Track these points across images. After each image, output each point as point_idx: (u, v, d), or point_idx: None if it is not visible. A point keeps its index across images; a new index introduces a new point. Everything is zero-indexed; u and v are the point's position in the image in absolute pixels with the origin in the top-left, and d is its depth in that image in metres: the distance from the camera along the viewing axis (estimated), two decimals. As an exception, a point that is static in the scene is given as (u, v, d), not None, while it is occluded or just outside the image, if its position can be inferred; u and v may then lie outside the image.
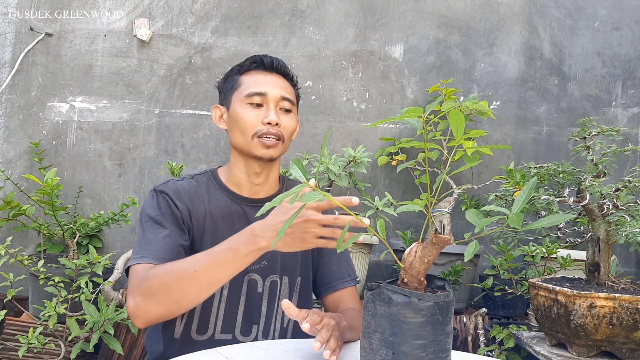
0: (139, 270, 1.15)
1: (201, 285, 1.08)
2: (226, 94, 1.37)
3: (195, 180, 1.35)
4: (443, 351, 0.92)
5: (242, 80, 1.34)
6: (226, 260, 1.08)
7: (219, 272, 1.08)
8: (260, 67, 1.35)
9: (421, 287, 0.96)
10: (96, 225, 2.52)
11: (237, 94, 1.33)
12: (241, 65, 1.37)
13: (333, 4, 2.92)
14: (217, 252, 1.10)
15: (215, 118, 1.40)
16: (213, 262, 1.09)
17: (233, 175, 1.36)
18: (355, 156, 2.37)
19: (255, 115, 1.30)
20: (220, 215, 1.31)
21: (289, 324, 1.37)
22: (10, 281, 2.08)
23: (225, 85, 1.39)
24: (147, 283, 1.10)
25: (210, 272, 1.08)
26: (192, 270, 1.08)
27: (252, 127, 1.30)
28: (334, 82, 2.91)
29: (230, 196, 1.34)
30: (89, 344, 2.04)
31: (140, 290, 1.11)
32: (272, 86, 1.32)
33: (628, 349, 1.38)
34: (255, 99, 1.31)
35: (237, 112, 1.32)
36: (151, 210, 1.26)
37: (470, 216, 0.88)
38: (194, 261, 1.10)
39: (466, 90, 2.88)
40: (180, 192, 1.29)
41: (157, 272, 1.11)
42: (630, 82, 2.86)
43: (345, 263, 1.46)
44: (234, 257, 1.08)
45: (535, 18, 2.89)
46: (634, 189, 1.42)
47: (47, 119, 2.93)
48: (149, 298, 1.10)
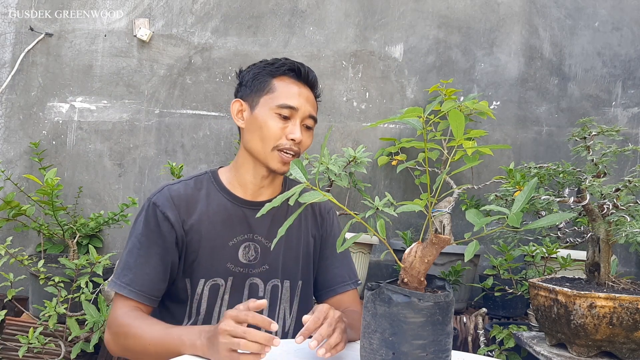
0: (119, 305, 1.23)
1: (151, 356, 1.14)
2: (253, 92, 1.31)
3: (194, 182, 1.33)
4: (443, 351, 0.92)
5: (275, 85, 1.30)
6: (171, 347, 1.10)
7: (163, 354, 1.11)
8: (295, 76, 1.32)
9: (421, 287, 0.96)
10: (96, 225, 2.52)
11: (268, 99, 1.29)
12: (275, 68, 1.32)
13: (333, 4, 2.93)
14: (170, 334, 1.12)
15: (234, 112, 1.35)
16: (161, 343, 1.12)
17: (239, 175, 1.34)
18: (355, 156, 2.37)
19: (281, 128, 1.27)
20: (220, 219, 1.30)
21: (290, 327, 1.36)
22: (10, 281, 2.08)
23: (253, 83, 1.32)
24: (119, 330, 1.20)
25: (159, 350, 1.12)
26: (146, 344, 1.14)
27: (275, 139, 1.27)
28: (334, 82, 2.91)
29: (231, 199, 1.32)
30: (89, 344, 2.04)
31: (113, 330, 1.21)
32: (304, 101, 1.30)
33: (628, 349, 1.38)
34: (286, 111, 1.27)
35: (263, 118, 1.28)
36: (140, 227, 1.27)
37: (470, 216, 0.88)
38: (153, 336, 1.14)
39: (466, 90, 2.88)
40: (174, 199, 1.27)
41: (129, 328, 1.18)
42: (630, 82, 2.86)
43: (347, 265, 1.44)
44: (177, 347, 1.09)
45: (535, 18, 2.89)
46: (634, 189, 1.42)
47: (47, 119, 2.93)
48: (116, 342, 1.21)
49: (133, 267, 1.24)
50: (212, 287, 1.28)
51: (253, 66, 1.36)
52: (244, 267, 1.30)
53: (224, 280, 1.29)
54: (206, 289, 1.28)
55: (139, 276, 1.23)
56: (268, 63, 1.34)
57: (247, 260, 1.30)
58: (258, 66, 1.35)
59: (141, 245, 1.25)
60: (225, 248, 1.29)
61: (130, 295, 1.22)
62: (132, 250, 1.26)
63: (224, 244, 1.29)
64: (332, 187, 2.41)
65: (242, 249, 1.30)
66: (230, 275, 1.29)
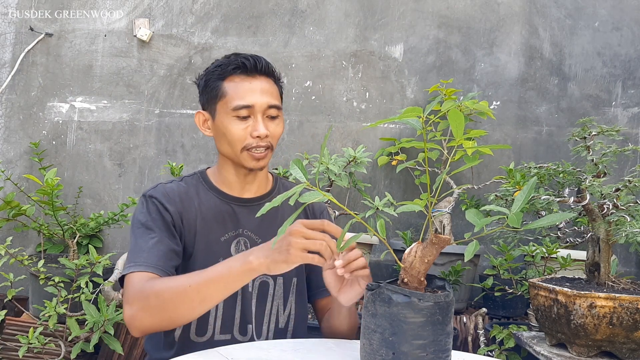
0: (135, 279, 1.16)
1: (193, 302, 1.10)
2: (210, 101, 1.32)
3: (185, 182, 1.35)
4: (443, 351, 0.92)
5: (225, 88, 1.29)
6: (218, 278, 1.09)
7: (211, 290, 1.09)
8: (244, 72, 1.29)
9: (421, 287, 0.96)
10: (96, 225, 2.52)
11: (223, 104, 1.28)
12: (222, 70, 1.30)
13: (333, 4, 2.92)
14: (211, 270, 1.11)
15: (199, 124, 1.36)
16: (206, 279, 1.09)
17: (223, 176, 1.36)
18: (355, 156, 2.37)
19: (243, 129, 1.27)
20: (212, 216, 1.31)
21: (287, 324, 1.36)
22: (10, 281, 2.08)
23: (206, 91, 1.33)
24: (144, 294, 1.12)
25: (202, 289, 1.09)
26: (185, 286, 1.10)
27: (240, 141, 1.27)
28: (334, 82, 2.91)
29: (220, 196, 1.34)
30: (89, 344, 2.04)
31: (137, 300, 1.13)
32: (259, 95, 1.28)
33: (628, 349, 1.38)
34: (243, 112, 1.26)
35: (223, 125, 1.28)
36: (142, 217, 1.26)
37: (470, 216, 0.88)
38: (189, 278, 1.12)
39: (466, 90, 2.88)
40: (170, 194, 1.29)
41: (154, 285, 1.13)
42: (630, 82, 2.86)
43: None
44: (227, 275, 1.08)
45: (535, 18, 2.89)
46: (634, 189, 1.42)
47: (47, 119, 2.93)
48: (145, 310, 1.12)
49: (145, 249, 1.21)
50: None
51: (205, 72, 1.35)
52: None
53: None
54: None
55: (153, 254, 1.20)
56: (217, 66, 1.32)
57: None
58: (208, 72, 1.33)
59: (148, 230, 1.24)
60: (218, 244, 1.31)
61: (148, 269, 1.17)
62: (140, 236, 1.24)
63: (217, 240, 1.31)
64: (332, 187, 2.41)
65: (235, 245, 1.32)
66: None
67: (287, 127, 2.89)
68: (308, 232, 1.03)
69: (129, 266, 1.20)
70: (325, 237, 1.04)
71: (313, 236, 1.03)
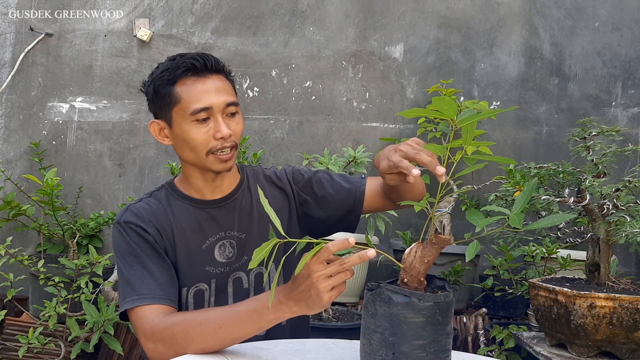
0: (147, 314, 1.15)
1: (224, 341, 1.09)
2: (163, 108, 1.25)
3: (154, 197, 1.31)
4: (443, 351, 0.92)
5: (179, 93, 1.22)
6: (251, 322, 1.07)
7: (243, 332, 1.08)
8: (193, 73, 1.22)
9: (421, 287, 0.96)
10: (96, 226, 2.52)
11: (179, 110, 1.22)
12: (171, 74, 1.23)
13: (333, 4, 2.93)
14: (242, 312, 1.08)
15: (155, 134, 1.29)
16: (237, 322, 1.08)
17: (191, 183, 1.31)
18: (355, 156, 2.37)
19: (204, 132, 1.21)
20: (188, 226, 1.28)
21: (286, 323, 1.36)
22: (10, 281, 2.08)
23: (157, 99, 1.26)
24: (167, 332, 1.11)
25: (234, 332, 1.08)
26: (216, 327, 1.08)
27: (204, 146, 1.22)
28: (334, 82, 2.91)
29: (193, 204, 1.30)
30: (89, 344, 2.04)
31: (161, 338, 1.11)
32: (214, 94, 1.21)
33: (628, 349, 1.38)
34: (202, 114, 1.21)
35: (183, 131, 1.22)
36: (125, 246, 1.23)
37: (470, 216, 0.88)
38: (219, 317, 1.09)
39: (466, 90, 2.88)
40: (142, 215, 1.25)
41: (177, 322, 1.11)
42: (630, 82, 2.86)
43: (345, 180, 1.37)
44: (259, 320, 1.07)
45: (535, 18, 2.89)
46: (634, 189, 1.43)
47: (47, 119, 2.93)
48: (172, 346, 1.10)
49: (142, 278, 1.19)
50: (197, 293, 1.28)
51: (151, 79, 1.28)
52: (224, 265, 1.29)
53: (206, 284, 1.28)
54: (190, 297, 1.27)
55: (153, 284, 1.18)
56: (164, 70, 1.25)
57: (225, 259, 1.30)
58: (155, 78, 1.27)
59: (136, 258, 1.21)
60: (200, 252, 1.28)
61: (157, 302, 1.15)
62: (131, 265, 1.21)
63: (198, 249, 1.28)
64: (332, 187, 2.40)
65: (218, 249, 1.30)
66: (212, 277, 1.28)
67: (287, 127, 2.89)
68: (329, 271, 0.99)
69: (132, 299, 1.16)
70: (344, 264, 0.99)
71: (335, 271, 0.99)
